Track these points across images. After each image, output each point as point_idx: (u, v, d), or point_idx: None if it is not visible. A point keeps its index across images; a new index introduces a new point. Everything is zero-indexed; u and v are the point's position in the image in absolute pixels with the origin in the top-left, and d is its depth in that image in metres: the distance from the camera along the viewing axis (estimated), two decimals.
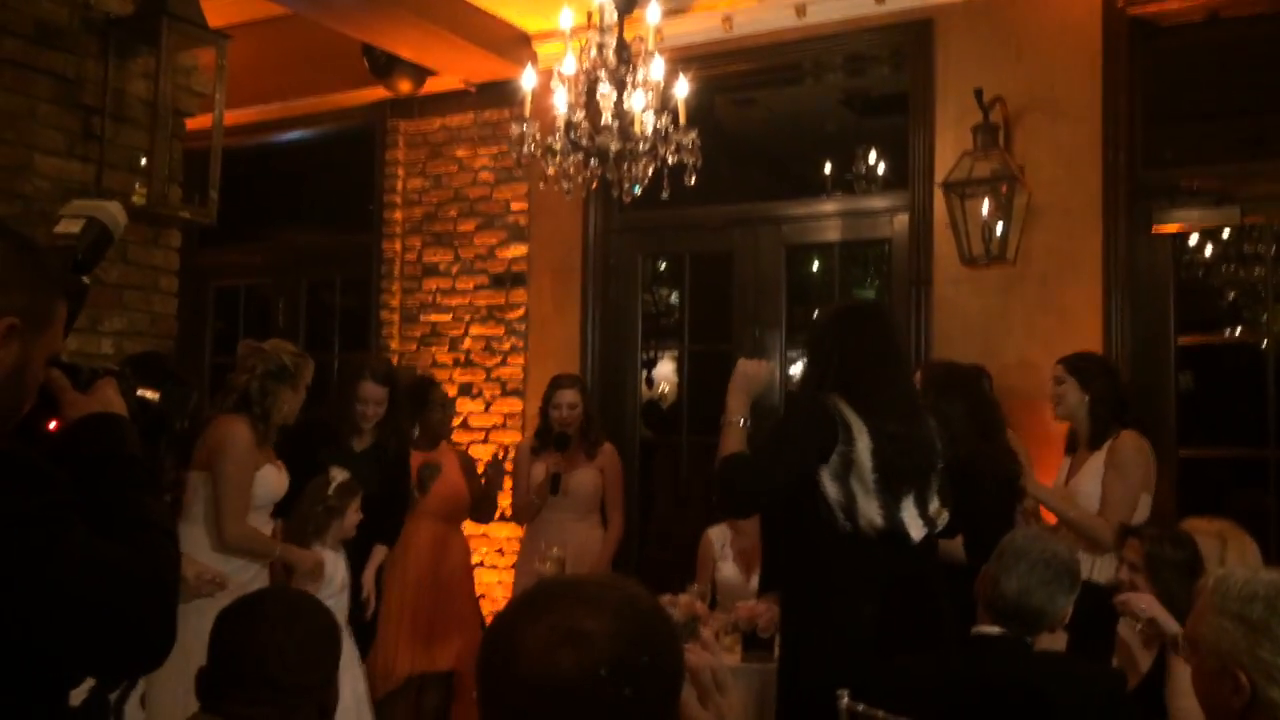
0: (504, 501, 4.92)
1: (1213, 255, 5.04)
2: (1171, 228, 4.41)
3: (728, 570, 4.26)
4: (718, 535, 4.35)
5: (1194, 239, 4.82)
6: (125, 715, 3.00)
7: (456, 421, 5.68)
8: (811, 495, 2.72)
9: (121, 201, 3.94)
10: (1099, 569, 3.41)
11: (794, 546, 2.85)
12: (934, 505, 2.81)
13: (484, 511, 4.75)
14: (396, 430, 4.25)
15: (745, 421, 2.86)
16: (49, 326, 1.45)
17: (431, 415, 4.58)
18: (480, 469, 4.87)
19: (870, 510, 2.70)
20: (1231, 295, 5.28)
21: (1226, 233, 4.79)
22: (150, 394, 2.88)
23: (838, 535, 2.72)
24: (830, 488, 2.71)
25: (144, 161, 4.00)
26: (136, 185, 4.00)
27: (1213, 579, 1.79)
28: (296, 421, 3.78)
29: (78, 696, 2.89)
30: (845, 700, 2.46)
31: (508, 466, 4.71)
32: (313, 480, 3.77)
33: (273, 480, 3.63)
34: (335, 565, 3.74)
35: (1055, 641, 2.83)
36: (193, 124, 4.32)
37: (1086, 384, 3.71)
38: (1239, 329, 5.23)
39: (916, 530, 2.76)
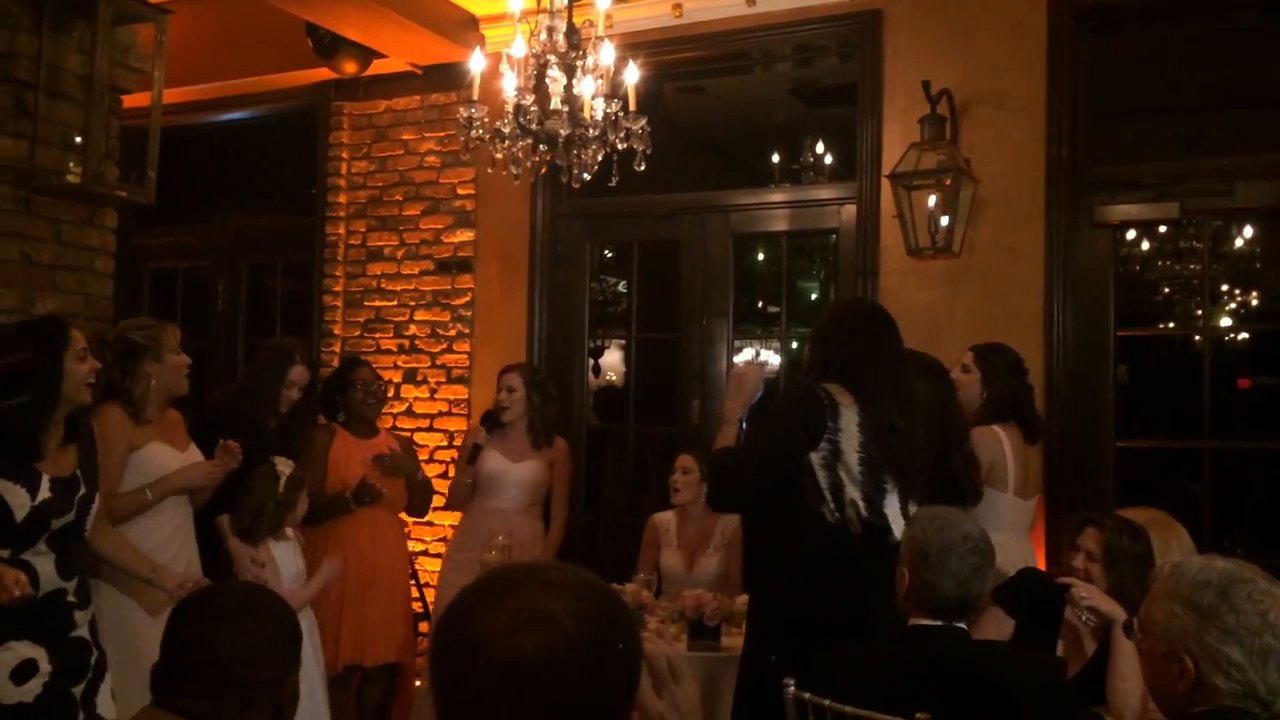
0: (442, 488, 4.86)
1: (1150, 249, 5.15)
2: (1112, 221, 4.49)
3: (671, 557, 4.26)
4: (663, 521, 4.35)
5: (1131, 233, 4.91)
6: (97, 707, 2.95)
7: (401, 408, 5.63)
8: (799, 483, 2.73)
9: (56, 180, 3.87)
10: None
11: (775, 536, 2.86)
12: (913, 507, 2.82)
13: (418, 504, 4.64)
14: (303, 413, 4.22)
15: (742, 422, 2.95)
16: None
17: (353, 397, 4.49)
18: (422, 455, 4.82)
19: (856, 498, 2.72)
20: (1167, 289, 5.40)
21: (1163, 227, 4.89)
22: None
23: (821, 527, 2.73)
24: (820, 475, 2.73)
25: (79, 139, 3.89)
26: (71, 163, 3.89)
27: (1169, 565, 1.82)
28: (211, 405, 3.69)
29: (30, 693, 2.84)
30: (792, 689, 2.47)
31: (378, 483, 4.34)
32: (258, 474, 3.69)
33: (166, 458, 3.47)
34: (289, 555, 3.68)
35: (1003, 629, 2.86)
36: (130, 101, 4.21)
37: (988, 381, 3.74)
38: (1173, 322, 5.35)
39: (898, 526, 2.77)
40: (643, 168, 3.67)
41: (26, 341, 3.00)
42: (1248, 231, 5.27)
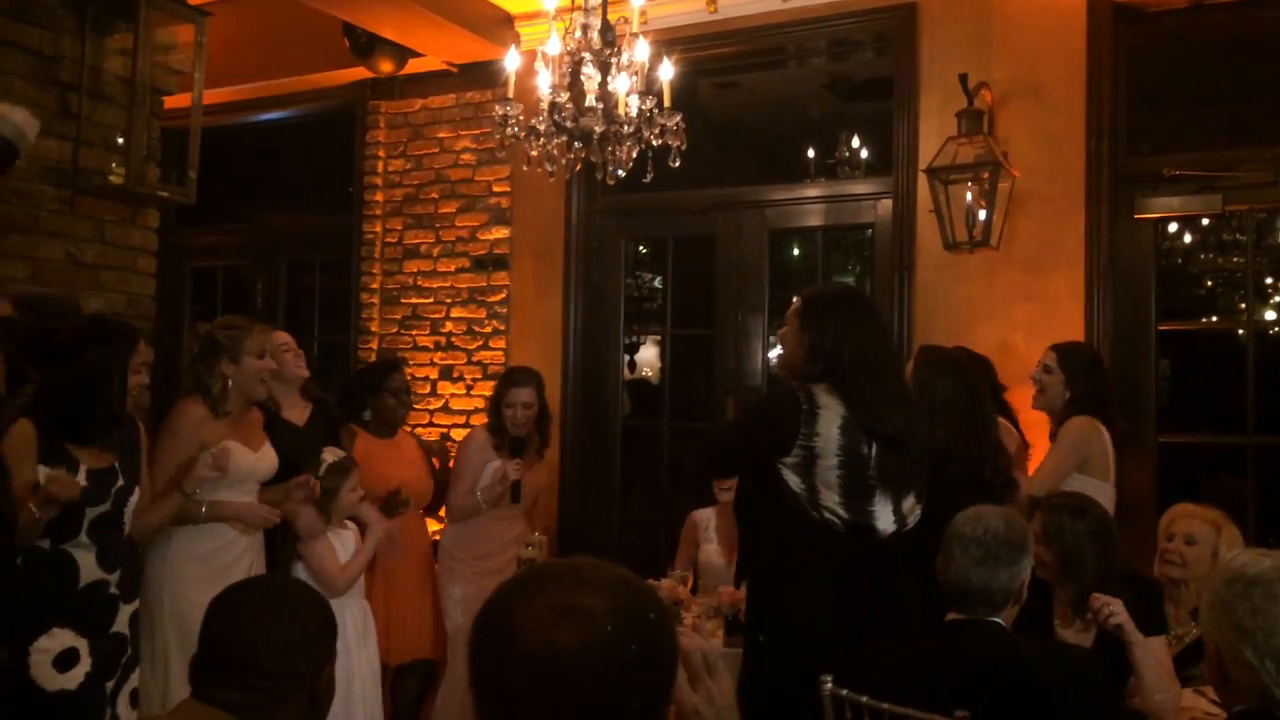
0: None
1: (1192, 242, 5.07)
2: (1153, 215, 4.43)
3: (711, 552, 4.26)
4: (703, 517, 4.35)
5: (1173, 226, 4.84)
6: (117, 706, 3.00)
7: (437, 404, 5.67)
8: (776, 483, 2.72)
9: (99, 180, 3.93)
10: None
11: (760, 533, 2.85)
12: (909, 502, 2.80)
13: (429, 505, 4.57)
14: (335, 416, 4.19)
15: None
16: None
17: (384, 401, 4.40)
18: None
19: (831, 503, 2.70)
20: (1210, 283, 5.31)
21: (1205, 220, 4.82)
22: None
23: (804, 523, 2.71)
24: (791, 479, 2.70)
25: (121, 140, 3.96)
26: (114, 164, 3.96)
27: (1229, 554, 1.83)
28: None
29: (74, 680, 2.91)
30: (829, 686, 2.46)
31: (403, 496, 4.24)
32: (308, 466, 3.71)
33: (237, 458, 3.44)
34: (341, 543, 3.65)
35: None
36: (171, 102, 4.27)
37: (1072, 382, 3.72)
38: (1216, 317, 5.27)
39: (886, 524, 2.75)
40: (677, 164, 3.66)
41: (101, 336, 3.06)
42: None
